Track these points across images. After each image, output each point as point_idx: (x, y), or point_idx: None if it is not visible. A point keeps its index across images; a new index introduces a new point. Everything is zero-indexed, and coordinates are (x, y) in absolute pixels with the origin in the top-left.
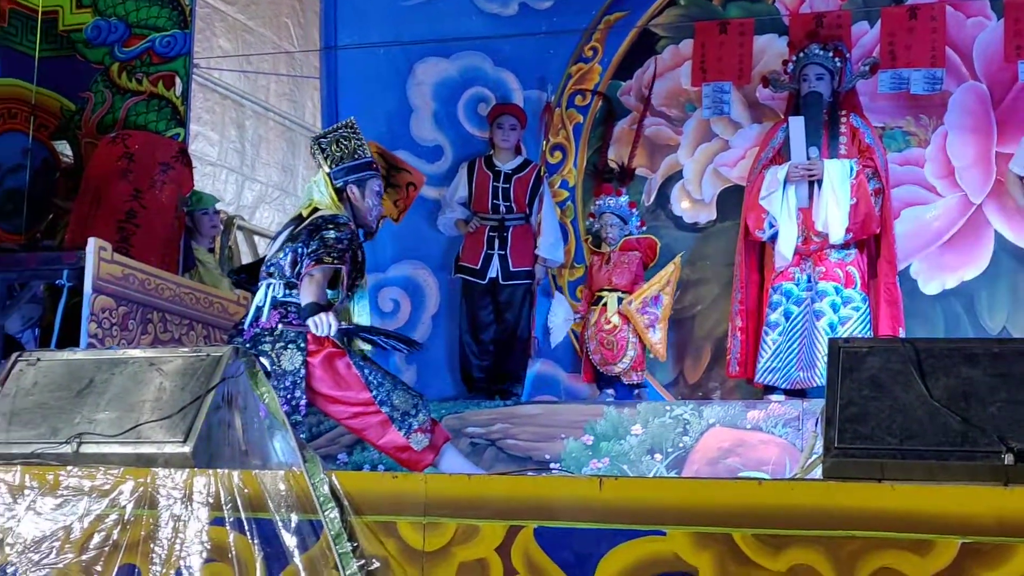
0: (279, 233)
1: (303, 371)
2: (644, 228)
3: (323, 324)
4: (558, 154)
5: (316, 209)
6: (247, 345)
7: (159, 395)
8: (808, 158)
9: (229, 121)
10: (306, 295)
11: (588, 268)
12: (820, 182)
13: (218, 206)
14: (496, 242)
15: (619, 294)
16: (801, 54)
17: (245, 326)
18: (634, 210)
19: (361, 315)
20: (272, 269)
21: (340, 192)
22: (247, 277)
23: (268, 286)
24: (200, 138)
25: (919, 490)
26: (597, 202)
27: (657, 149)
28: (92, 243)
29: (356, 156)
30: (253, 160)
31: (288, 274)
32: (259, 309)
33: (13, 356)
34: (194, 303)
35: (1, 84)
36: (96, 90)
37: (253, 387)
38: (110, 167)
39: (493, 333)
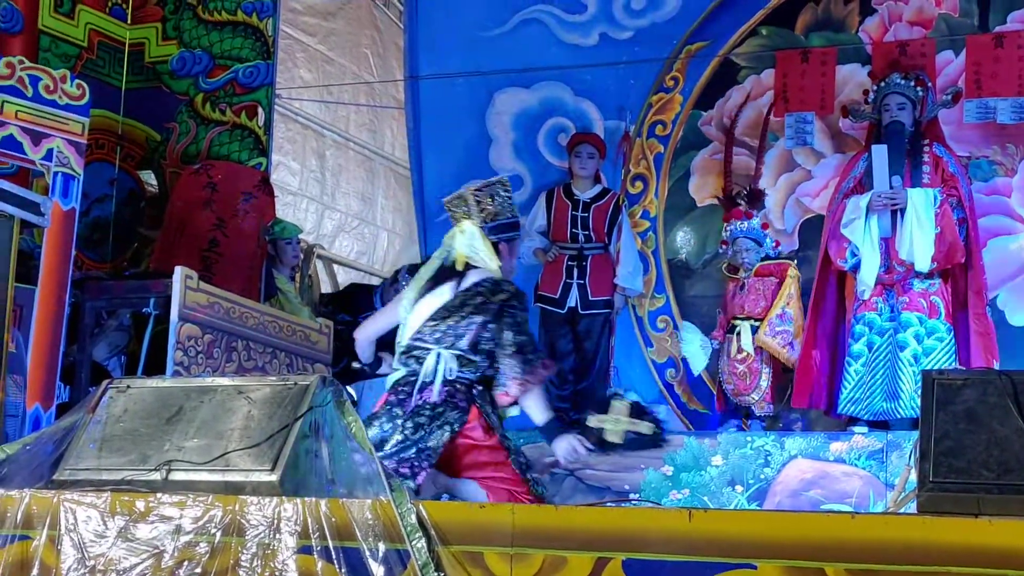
0: (428, 288)
1: (441, 449)
2: (780, 248)
3: (574, 453)
4: (639, 184)
5: (468, 264)
6: (405, 416)
7: (247, 423)
8: (891, 187)
9: (310, 151)
10: (537, 410)
11: (725, 294)
12: (903, 211)
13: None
14: (575, 271)
15: (752, 322)
16: (882, 83)
17: (414, 392)
18: (767, 231)
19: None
20: (441, 337)
21: (494, 247)
22: (332, 307)
23: (439, 358)
24: (281, 167)
25: (1018, 525)
26: (728, 227)
27: (739, 179)
28: (179, 272)
29: (511, 214)
30: (333, 189)
31: (465, 349)
32: (426, 384)
33: (104, 383)
34: (277, 331)
35: (90, 115)
36: (181, 120)
37: (340, 416)
38: (194, 196)
39: (572, 362)
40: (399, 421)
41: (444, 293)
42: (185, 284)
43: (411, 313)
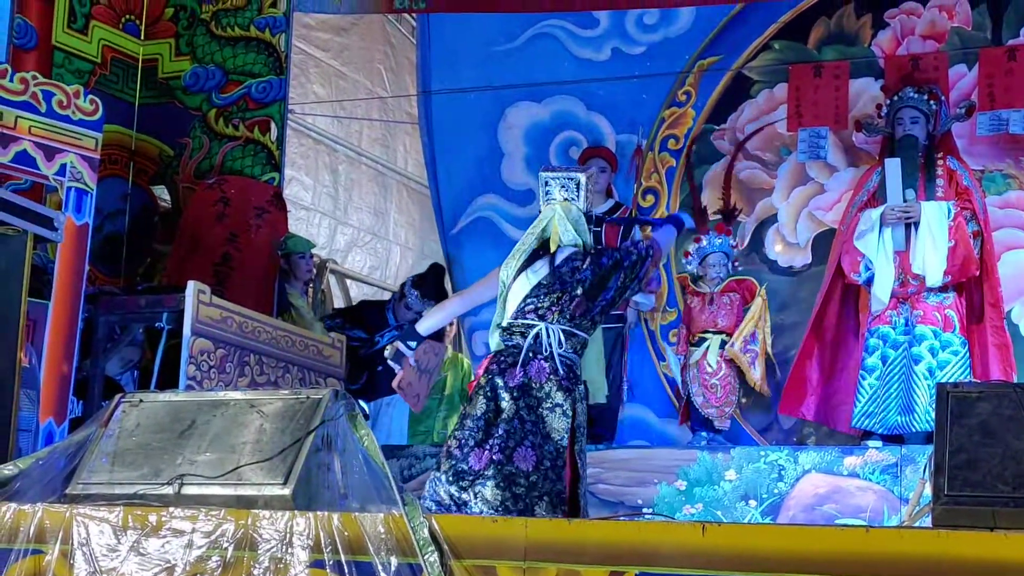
0: (523, 266)
1: (566, 440)
2: (740, 269)
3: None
4: (650, 198)
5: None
6: (515, 393)
7: (259, 437)
8: (904, 200)
9: (323, 166)
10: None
11: (686, 309)
12: (917, 224)
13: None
14: None
15: (722, 337)
16: (895, 97)
17: (519, 364)
18: (736, 250)
19: None
20: (546, 313)
21: None
22: (342, 321)
23: (548, 332)
24: (294, 182)
25: None
26: (703, 239)
27: (751, 193)
28: (191, 286)
29: (591, 207)
30: (346, 204)
31: (572, 321)
32: (530, 358)
33: (116, 397)
34: (290, 346)
35: (103, 131)
36: (194, 135)
37: (352, 430)
38: (207, 211)
39: None
40: (503, 392)
41: (540, 270)
42: (198, 299)
43: (510, 292)
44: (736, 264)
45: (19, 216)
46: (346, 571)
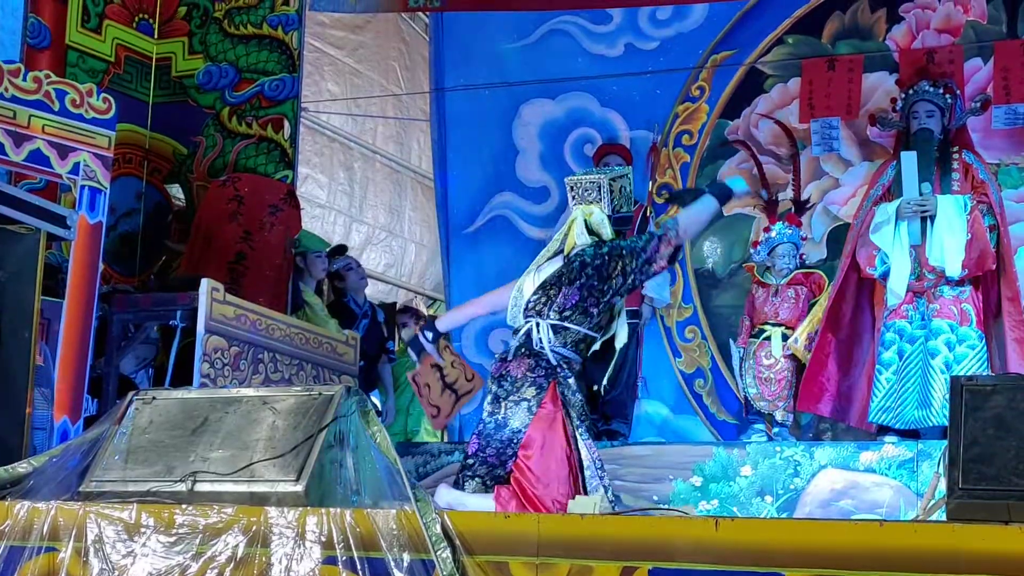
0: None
1: (522, 433)
2: (804, 259)
3: None
4: (666, 194)
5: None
6: (491, 384)
7: (272, 434)
8: (920, 194)
9: (337, 163)
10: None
11: (750, 299)
12: (933, 218)
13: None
14: None
15: (783, 329)
16: (911, 91)
17: (504, 360)
18: (805, 241)
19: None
20: (542, 309)
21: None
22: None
23: (537, 327)
24: (309, 180)
25: None
26: (772, 229)
27: (766, 188)
28: (205, 284)
29: (629, 209)
30: (361, 202)
31: (563, 316)
32: (516, 355)
33: (129, 395)
34: (304, 343)
35: (117, 129)
36: (207, 134)
37: (365, 426)
38: (220, 210)
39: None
40: (488, 384)
41: (546, 270)
42: (212, 296)
43: (521, 293)
44: (803, 257)
45: (32, 214)
46: (359, 567)
